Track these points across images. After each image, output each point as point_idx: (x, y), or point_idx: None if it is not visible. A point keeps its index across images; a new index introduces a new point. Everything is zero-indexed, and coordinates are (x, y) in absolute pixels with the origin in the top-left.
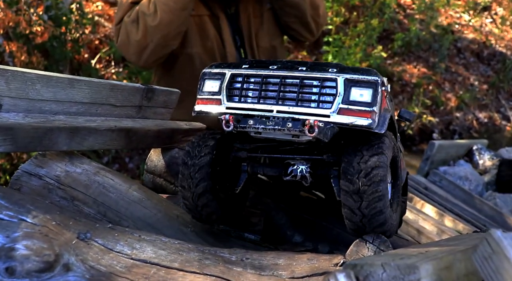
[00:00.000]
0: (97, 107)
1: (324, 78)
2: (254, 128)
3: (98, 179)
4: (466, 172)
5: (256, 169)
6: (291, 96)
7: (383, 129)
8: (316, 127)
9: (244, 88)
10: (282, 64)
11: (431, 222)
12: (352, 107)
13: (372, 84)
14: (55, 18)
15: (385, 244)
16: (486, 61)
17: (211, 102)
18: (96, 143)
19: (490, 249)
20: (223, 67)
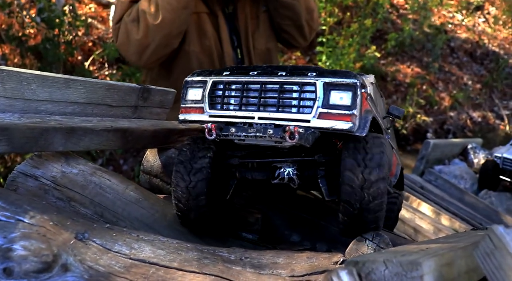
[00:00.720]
0: (93, 107)
1: (303, 82)
2: (236, 135)
3: (95, 179)
4: (461, 171)
5: (244, 173)
6: (272, 102)
7: (364, 132)
8: (296, 134)
9: (225, 95)
10: (262, 70)
11: (427, 221)
12: (332, 111)
13: (351, 87)
14: (48, 20)
15: (385, 241)
16: (479, 60)
17: (194, 110)
18: (92, 144)
19: (492, 245)
20: (204, 75)
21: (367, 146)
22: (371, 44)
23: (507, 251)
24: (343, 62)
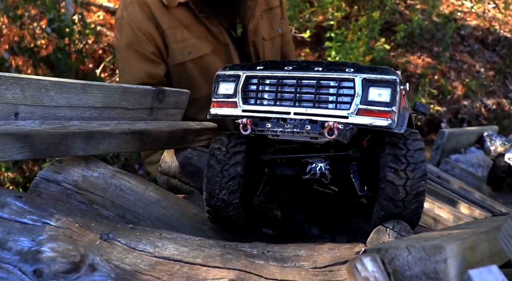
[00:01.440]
0: (110, 111)
1: (342, 78)
2: (272, 131)
3: (115, 182)
4: (478, 159)
5: (274, 169)
6: (308, 98)
7: (402, 129)
8: (335, 130)
9: (259, 90)
10: (297, 65)
11: (446, 210)
12: (371, 108)
13: (390, 84)
14: (58, 30)
15: (406, 229)
16: (491, 47)
17: (227, 105)
18: (111, 147)
19: None
20: (237, 69)
21: (406, 142)
22: (380, 37)
23: None
24: (352, 56)
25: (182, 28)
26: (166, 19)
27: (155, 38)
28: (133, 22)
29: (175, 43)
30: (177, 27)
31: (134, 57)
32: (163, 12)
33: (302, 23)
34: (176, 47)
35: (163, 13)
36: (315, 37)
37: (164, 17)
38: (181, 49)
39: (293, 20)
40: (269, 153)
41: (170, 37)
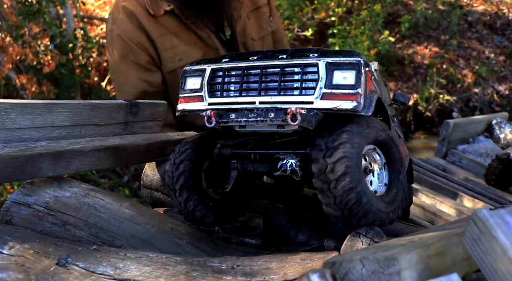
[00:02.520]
0: (80, 128)
1: (305, 64)
2: (237, 121)
3: (88, 200)
4: (486, 148)
5: (246, 165)
6: (273, 86)
7: (369, 111)
8: (298, 115)
9: (225, 82)
10: (262, 54)
11: (449, 204)
12: (336, 91)
13: (354, 66)
14: (61, 46)
15: (379, 235)
16: (500, 31)
17: (193, 99)
18: (83, 165)
19: (477, 230)
20: (203, 63)
21: (332, 129)
22: (384, 29)
23: (491, 235)
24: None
25: (171, 36)
26: (154, 28)
27: (147, 48)
28: (123, 33)
29: (165, 51)
30: (166, 35)
31: (130, 68)
32: (151, 21)
33: (304, 22)
34: (167, 55)
35: (150, 22)
36: (318, 34)
37: (152, 26)
38: (172, 56)
39: (293, 19)
40: (230, 147)
41: (160, 46)
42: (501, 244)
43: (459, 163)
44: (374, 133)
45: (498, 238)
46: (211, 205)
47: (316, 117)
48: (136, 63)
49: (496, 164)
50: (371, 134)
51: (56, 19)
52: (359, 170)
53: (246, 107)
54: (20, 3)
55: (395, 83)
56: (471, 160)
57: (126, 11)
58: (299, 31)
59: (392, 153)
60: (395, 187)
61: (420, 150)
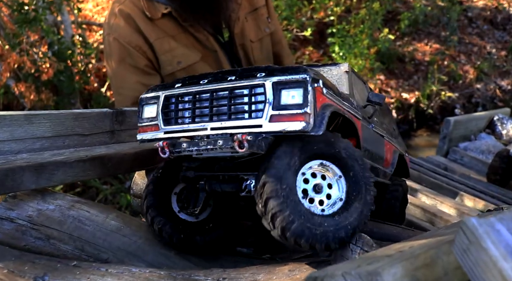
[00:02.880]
0: (63, 139)
1: (252, 85)
2: (189, 150)
3: (73, 213)
4: (488, 145)
5: (213, 186)
6: (224, 110)
7: (320, 130)
8: (245, 142)
9: (179, 108)
10: (213, 77)
11: (449, 205)
12: (283, 112)
13: (300, 83)
14: (59, 53)
15: (368, 244)
16: (501, 26)
17: (150, 128)
18: (67, 177)
19: (466, 239)
20: (157, 90)
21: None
22: (383, 27)
23: (480, 246)
24: (357, 49)
25: (169, 39)
26: (152, 31)
27: (146, 51)
28: (120, 37)
29: (163, 54)
30: (163, 38)
31: (128, 72)
32: (148, 24)
33: (302, 22)
34: (165, 58)
35: (148, 25)
36: (318, 34)
37: (149, 29)
38: (170, 59)
39: (291, 19)
40: (193, 169)
41: (158, 49)
42: (490, 255)
43: (460, 161)
44: (315, 149)
45: (488, 249)
46: (182, 228)
47: (266, 141)
48: (134, 66)
49: (499, 163)
50: (310, 152)
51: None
52: (287, 194)
53: (198, 135)
54: (16, 11)
55: (396, 81)
56: (472, 157)
57: (123, 14)
58: (298, 31)
59: (348, 166)
60: (355, 200)
61: (423, 148)
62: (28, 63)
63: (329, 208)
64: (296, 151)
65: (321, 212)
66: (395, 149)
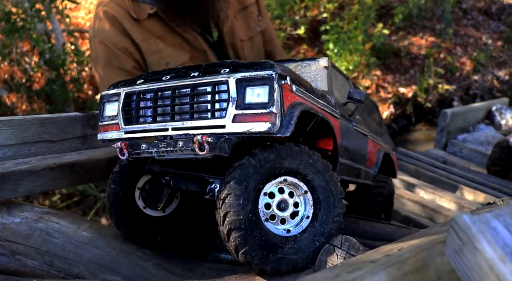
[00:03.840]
0: (29, 146)
1: (215, 82)
2: (148, 152)
3: (41, 225)
4: (487, 136)
5: (178, 183)
6: (186, 109)
7: (287, 132)
8: (205, 144)
9: (140, 106)
10: (176, 72)
11: (449, 199)
12: (248, 112)
13: (266, 80)
14: (50, 62)
15: (355, 247)
16: (496, 16)
17: (111, 127)
18: (35, 186)
19: (459, 240)
20: (119, 86)
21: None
22: (377, 22)
23: (474, 247)
24: (351, 46)
25: (156, 39)
26: (138, 32)
27: (132, 52)
28: (106, 39)
29: (150, 55)
30: (150, 38)
31: (115, 74)
32: (134, 25)
33: (295, 20)
34: (152, 59)
35: (134, 26)
36: (312, 32)
37: (135, 30)
38: (158, 60)
39: (283, 18)
40: (160, 164)
41: (145, 50)
42: (486, 257)
43: (459, 154)
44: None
45: (483, 251)
46: (148, 225)
47: (229, 143)
48: (121, 68)
49: (499, 154)
50: (274, 166)
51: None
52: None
53: (159, 135)
54: (2, 21)
55: (392, 76)
56: (472, 149)
57: (108, 16)
58: (291, 30)
59: (314, 182)
60: (322, 218)
61: (422, 142)
62: (18, 73)
63: (295, 227)
64: (260, 163)
65: (285, 233)
66: (380, 148)
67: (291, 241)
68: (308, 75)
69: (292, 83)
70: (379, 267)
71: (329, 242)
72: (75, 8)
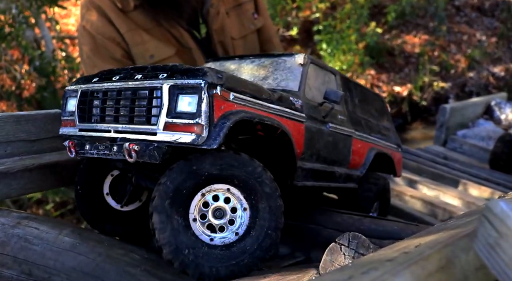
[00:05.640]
0: (4, 146)
1: (151, 87)
2: (90, 153)
3: (18, 232)
4: (488, 131)
5: (139, 180)
6: (125, 112)
7: (215, 144)
8: (133, 152)
9: (93, 105)
10: (125, 73)
11: (453, 195)
12: (177, 121)
13: (196, 90)
14: (40, 69)
15: (364, 245)
16: (490, 12)
17: (70, 123)
18: (11, 190)
19: (494, 231)
20: (78, 83)
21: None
22: (370, 21)
23: None
24: (345, 45)
25: (141, 31)
26: (123, 22)
27: (120, 42)
28: (93, 29)
29: (135, 46)
30: (135, 30)
31: (106, 62)
32: (119, 16)
33: (288, 21)
34: (137, 51)
35: (119, 17)
36: (304, 33)
37: (120, 20)
38: (142, 52)
39: (275, 18)
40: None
41: (129, 41)
42: None
43: (460, 150)
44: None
45: None
46: (109, 215)
47: (159, 151)
48: (111, 57)
49: (502, 148)
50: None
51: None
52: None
53: (103, 136)
54: None
55: (387, 74)
56: (473, 145)
57: (94, 5)
58: (284, 31)
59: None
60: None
61: (418, 140)
62: (8, 81)
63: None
64: (193, 170)
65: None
66: (372, 147)
67: (219, 252)
68: (281, 73)
69: (229, 91)
70: (400, 267)
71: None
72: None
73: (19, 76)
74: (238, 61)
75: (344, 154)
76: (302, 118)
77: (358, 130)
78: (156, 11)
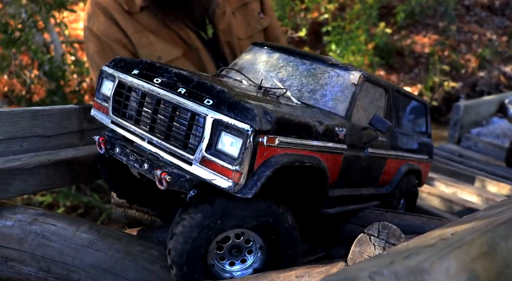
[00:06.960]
0: (20, 142)
1: (194, 113)
2: (120, 158)
3: (36, 228)
4: (503, 129)
5: None
6: (162, 127)
7: (250, 194)
8: (164, 181)
9: (130, 100)
10: (168, 78)
11: (472, 191)
12: (216, 160)
13: (242, 134)
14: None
15: (395, 234)
16: (500, 11)
17: (103, 108)
18: (27, 186)
19: None
20: (117, 67)
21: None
22: (379, 22)
23: None
24: (354, 46)
25: (148, 33)
26: (130, 24)
27: (126, 44)
28: (99, 31)
29: (142, 48)
30: (142, 31)
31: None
32: (125, 17)
33: (296, 22)
34: (144, 53)
35: (125, 18)
36: (313, 34)
37: (126, 22)
38: (149, 54)
39: (284, 20)
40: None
41: (136, 43)
42: None
43: (475, 148)
44: (232, 222)
45: None
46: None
47: (190, 183)
48: None
49: None
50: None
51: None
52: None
53: (136, 143)
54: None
55: (397, 75)
56: (488, 143)
57: (100, 7)
58: (292, 32)
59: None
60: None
61: None
62: (18, 86)
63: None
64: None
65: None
66: (404, 163)
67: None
68: (331, 90)
69: (275, 136)
70: (443, 251)
71: (363, 231)
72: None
73: (29, 80)
74: (286, 58)
75: (376, 175)
76: (343, 150)
77: (395, 149)
78: (165, 11)
